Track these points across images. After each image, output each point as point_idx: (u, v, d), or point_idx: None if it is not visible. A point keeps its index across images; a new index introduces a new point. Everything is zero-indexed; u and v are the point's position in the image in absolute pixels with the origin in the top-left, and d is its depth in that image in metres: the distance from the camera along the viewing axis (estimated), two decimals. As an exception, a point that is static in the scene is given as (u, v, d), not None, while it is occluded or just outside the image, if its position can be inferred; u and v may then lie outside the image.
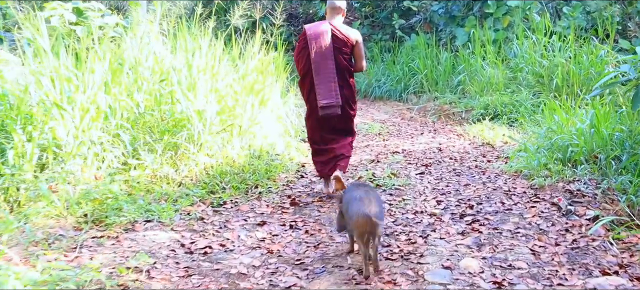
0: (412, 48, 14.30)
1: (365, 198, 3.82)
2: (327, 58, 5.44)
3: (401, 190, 5.86)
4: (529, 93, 10.43)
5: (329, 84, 5.44)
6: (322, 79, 5.44)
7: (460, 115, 10.90)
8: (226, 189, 5.76)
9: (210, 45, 7.32)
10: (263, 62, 7.88)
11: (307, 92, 5.65)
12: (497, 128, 9.05)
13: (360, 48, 5.65)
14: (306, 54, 5.53)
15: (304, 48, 5.57)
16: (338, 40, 5.52)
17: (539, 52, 11.22)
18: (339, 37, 5.52)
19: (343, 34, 5.55)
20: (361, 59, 5.68)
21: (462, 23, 13.70)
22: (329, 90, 5.44)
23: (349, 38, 5.56)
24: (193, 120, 6.16)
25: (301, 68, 5.64)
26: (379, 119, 11.47)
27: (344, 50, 5.56)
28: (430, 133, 9.49)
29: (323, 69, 5.45)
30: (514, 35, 12.48)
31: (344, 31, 5.57)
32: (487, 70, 11.43)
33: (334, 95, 5.44)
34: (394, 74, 14.20)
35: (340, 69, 5.53)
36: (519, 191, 5.77)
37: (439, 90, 12.62)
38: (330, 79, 5.44)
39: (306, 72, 5.58)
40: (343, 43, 5.53)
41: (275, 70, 8.45)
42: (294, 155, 7.31)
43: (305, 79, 5.63)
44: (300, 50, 5.62)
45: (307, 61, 5.53)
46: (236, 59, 7.82)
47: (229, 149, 6.35)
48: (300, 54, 5.62)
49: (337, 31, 5.53)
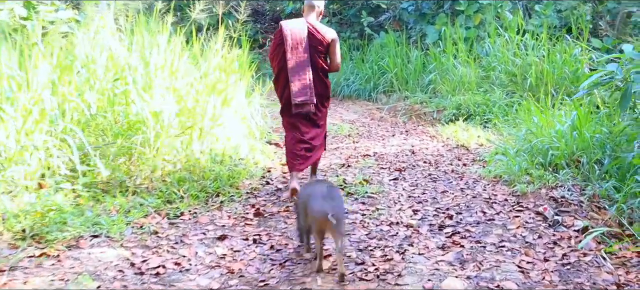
0: (382, 46, 13.90)
1: (328, 195, 3.75)
2: (303, 56, 5.41)
3: (374, 198, 5.42)
4: (503, 92, 10.11)
5: (304, 81, 5.40)
6: (297, 77, 5.40)
7: (431, 115, 10.52)
8: (184, 198, 5.26)
9: (169, 41, 6.80)
10: (226, 60, 7.37)
11: (282, 89, 5.57)
12: (471, 129, 8.69)
13: (336, 47, 5.56)
14: (281, 51, 5.46)
15: (279, 45, 5.49)
16: (314, 38, 5.46)
17: (511, 51, 10.92)
18: (316, 35, 5.46)
19: (319, 32, 5.48)
20: (336, 59, 5.60)
21: (433, 21, 13.34)
22: (304, 87, 5.40)
23: (325, 37, 5.49)
24: (149, 122, 5.64)
25: (276, 65, 5.57)
26: (348, 119, 11.04)
27: (320, 49, 5.50)
28: (402, 134, 9.08)
29: (298, 66, 5.40)
30: (485, 33, 12.17)
31: (320, 30, 5.49)
32: (459, 69, 11.08)
33: (309, 93, 5.41)
34: (363, 73, 13.78)
35: (316, 67, 5.49)
36: (500, 199, 5.38)
37: (409, 90, 12.23)
38: (305, 76, 5.40)
39: (281, 68, 5.51)
40: (319, 42, 5.47)
41: (240, 69, 7.95)
42: (259, 158, 6.82)
43: (280, 75, 5.55)
44: (275, 47, 5.54)
45: (282, 58, 5.46)
46: (197, 57, 7.30)
47: (188, 154, 5.84)
48: (275, 50, 5.55)
49: (314, 29, 5.47)
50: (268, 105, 9.75)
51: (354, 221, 4.82)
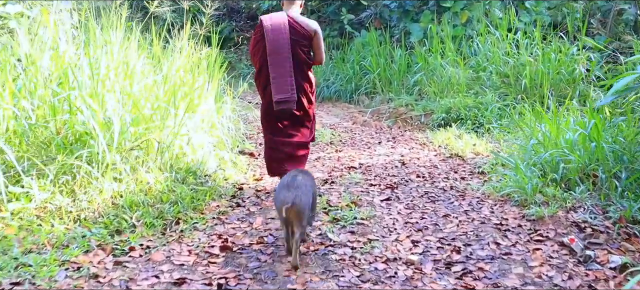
0: (363, 45, 13.00)
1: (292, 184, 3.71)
2: (284, 51, 5.10)
3: (365, 225, 4.50)
4: (495, 95, 9.29)
5: (285, 78, 5.12)
6: (278, 73, 5.12)
7: (418, 119, 9.67)
8: (137, 226, 4.32)
9: (126, 39, 5.85)
10: (192, 60, 6.44)
11: (263, 86, 5.29)
12: (464, 136, 7.84)
13: (319, 40, 5.27)
14: (262, 47, 5.17)
15: (259, 40, 5.21)
16: (296, 32, 5.17)
17: (503, 50, 10.11)
18: (297, 29, 5.18)
19: (301, 25, 5.20)
20: (320, 52, 5.34)
21: (417, 18, 12.48)
22: (285, 84, 5.12)
23: (308, 30, 5.21)
24: (97, 134, 4.69)
25: (257, 61, 5.27)
26: (328, 123, 10.14)
27: (302, 43, 5.21)
28: (389, 142, 8.19)
29: (279, 62, 5.11)
30: (474, 31, 11.34)
31: (302, 22, 5.22)
32: (448, 69, 10.23)
33: (289, 90, 5.13)
34: (343, 73, 12.87)
35: (299, 62, 5.20)
36: (512, 224, 4.51)
37: (393, 91, 11.34)
38: (286, 73, 5.12)
39: (262, 65, 5.22)
40: (301, 35, 5.18)
41: (209, 70, 7.01)
42: (229, 173, 5.90)
43: (261, 72, 5.26)
44: (256, 43, 5.27)
45: (263, 54, 5.17)
46: (159, 57, 6.33)
47: (143, 172, 4.89)
48: (256, 46, 5.27)
49: (295, 23, 5.18)
50: (242, 110, 8.84)
51: (342, 258, 3.92)
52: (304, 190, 3.70)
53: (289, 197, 3.59)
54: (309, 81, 5.34)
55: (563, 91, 9.25)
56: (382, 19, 13.84)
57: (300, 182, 3.76)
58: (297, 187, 3.67)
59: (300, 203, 3.61)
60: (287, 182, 3.75)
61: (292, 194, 3.60)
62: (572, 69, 9.19)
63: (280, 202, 3.62)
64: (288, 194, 3.61)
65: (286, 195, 3.61)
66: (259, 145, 7.77)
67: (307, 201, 3.70)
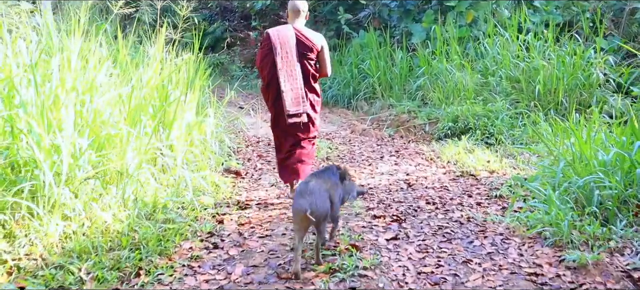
0: (362, 46, 12.11)
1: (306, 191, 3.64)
2: (293, 64, 5.09)
3: (369, 278, 3.59)
4: (506, 102, 8.41)
5: (296, 91, 5.10)
6: (290, 87, 5.08)
7: (422, 128, 8.79)
8: (85, 282, 3.43)
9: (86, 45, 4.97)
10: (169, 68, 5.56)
11: (273, 100, 5.20)
12: (476, 150, 6.96)
13: (325, 53, 5.27)
14: (271, 60, 5.10)
15: (268, 54, 5.13)
16: (303, 45, 5.14)
17: (513, 53, 9.24)
18: (305, 42, 5.14)
19: (308, 38, 5.16)
20: (327, 65, 5.33)
21: (419, 18, 11.59)
22: (297, 97, 5.10)
23: (315, 43, 5.18)
24: (41, 163, 3.80)
25: (266, 75, 5.17)
26: (325, 131, 9.26)
27: (310, 56, 5.18)
28: (392, 156, 7.30)
29: (290, 76, 5.08)
30: (480, 32, 10.45)
31: (309, 36, 5.18)
32: (453, 73, 9.35)
33: (301, 103, 5.12)
34: (341, 77, 11.98)
35: (306, 75, 5.18)
36: (550, 273, 3.62)
37: (394, 97, 10.45)
38: (297, 86, 5.10)
39: (271, 78, 5.14)
40: (309, 48, 5.15)
41: (189, 78, 6.12)
42: (208, 201, 5.01)
43: (271, 86, 5.17)
44: (264, 56, 5.16)
45: (272, 68, 5.10)
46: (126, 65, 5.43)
47: (98, 209, 4.00)
48: (264, 60, 5.16)
49: (302, 36, 5.15)
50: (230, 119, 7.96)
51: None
52: (318, 195, 3.64)
53: (304, 204, 3.52)
54: (316, 93, 5.33)
55: (579, 97, 8.39)
56: (381, 18, 12.96)
57: (314, 187, 3.68)
58: (311, 193, 3.61)
59: (317, 209, 3.55)
60: (301, 190, 3.68)
61: (307, 201, 3.54)
62: (588, 73, 8.33)
63: (297, 210, 3.55)
64: (303, 201, 3.54)
65: (302, 203, 3.54)
66: (247, 162, 6.90)
67: (323, 205, 3.64)
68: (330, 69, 5.41)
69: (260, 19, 16.40)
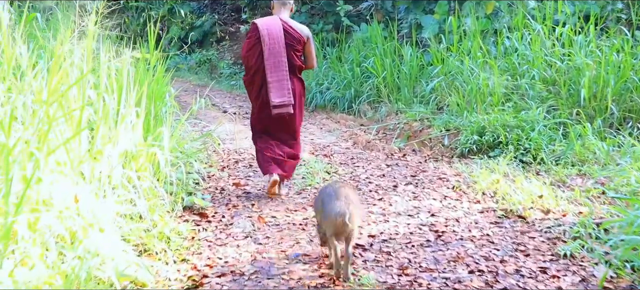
0: (364, 42, 10.32)
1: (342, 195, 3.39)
2: (281, 55, 5.02)
3: None
4: (542, 109, 6.69)
5: (282, 82, 5.03)
6: (277, 77, 5.02)
7: (440, 141, 7.05)
8: None
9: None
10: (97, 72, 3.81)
11: (257, 91, 5.10)
12: (518, 177, 5.21)
13: (311, 44, 5.23)
14: (258, 51, 5.02)
15: (255, 44, 5.04)
16: (290, 36, 5.08)
17: (546, 49, 7.53)
18: (291, 33, 5.09)
19: (294, 29, 5.11)
20: (312, 57, 5.30)
21: (430, 8, 9.82)
22: (282, 88, 5.02)
23: (302, 35, 5.13)
24: None
25: (252, 65, 5.08)
26: (321, 144, 7.53)
27: (297, 48, 5.12)
28: (408, 183, 5.50)
29: (276, 66, 5.01)
30: (502, 25, 8.69)
31: (295, 27, 5.14)
32: (476, 73, 7.60)
33: (287, 94, 5.03)
34: (340, 76, 10.18)
35: (293, 66, 5.12)
36: None
37: (403, 101, 8.67)
38: (283, 77, 5.03)
39: (257, 69, 5.06)
40: (296, 40, 5.10)
41: (136, 84, 4.37)
42: (145, 278, 3.25)
43: (256, 76, 5.09)
44: (251, 47, 5.07)
45: (259, 58, 5.02)
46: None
47: None
48: (251, 50, 5.07)
49: (289, 27, 5.09)
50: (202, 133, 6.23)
51: None
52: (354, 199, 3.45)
53: (344, 208, 3.28)
54: (302, 84, 5.28)
55: (628, 104, 6.68)
56: (384, 10, 11.20)
57: (348, 192, 3.47)
58: (347, 197, 3.37)
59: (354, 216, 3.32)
60: (334, 193, 3.41)
61: (345, 205, 3.30)
62: (643, 75, 6.65)
63: (336, 214, 3.28)
64: (342, 205, 3.30)
65: (341, 207, 3.29)
66: (219, 194, 5.16)
67: (360, 212, 3.51)
68: (316, 61, 5.39)
69: (251, 11, 14.60)
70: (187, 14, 16.02)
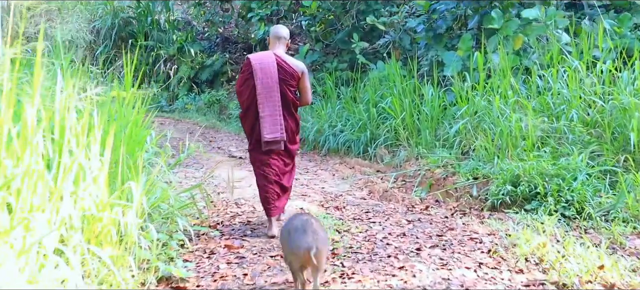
0: (381, 80, 9.50)
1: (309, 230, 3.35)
2: (273, 90, 4.95)
3: None
4: (585, 155, 5.79)
5: (275, 117, 4.95)
6: (268, 112, 4.94)
7: (468, 191, 6.15)
8: None
9: None
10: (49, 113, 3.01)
11: (251, 125, 5.05)
12: (569, 239, 4.28)
13: (306, 80, 5.14)
14: (251, 85, 4.98)
15: (248, 79, 5.01)
16: (284, 71, 4.99)
17: (588, 87, 6.66)
18: (285, 68, 5.00)
19: (289, 65, 5.02)
20: (307, 92, 5.19)
21: (452, 44, 8.99)
22: (274, 124, 4.95)
23: (296, 70, 5.04)
24: None
25: (244, 100, 5.05)
26: (332, 193, 6.66)
27: (290, 83, 5.04)
28: (434, 246, 4.54)
29: (269, 101, 4.95)
30: (533, 61, 7.82)
31: (289, 62, 5.05)
32: (507, 115, 6.72)
33: (279, 130, 4.95)
34: (355, 117, 9.32)
35: (287, 102, 5.03)
36: None
37: (424, 144, 7.78)
38: (276, 112, 4.96)
39: (250, 104, 5.02)
40: (290, 75, 5.01)
41: (103, 130, 3.56)
42: None
43: (249, 111, 5.04)
44: (244, 81, 5.05)
45: (251, 93, 4.98)
46: None
47: None
48: (244, 85, 5.04)
49: (283, 62, 5.01)
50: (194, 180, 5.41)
51: None
52: (321, 233, 3.40)
53: (310, 242, 3.25)
54: (296, 121, 5.18)
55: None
56: (403, 47, 10.41)
57: (316, 225, 3.42)
58: (315, 232, 3.34)
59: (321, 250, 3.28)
60: (301, 226, 3.37)
61: (312, 239, 3.27)
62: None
63: (302, 248, 3.24)
64: (309, 239, 3.27)
65: (308, 241, 3.26)
66: (207, 259, 4.28)
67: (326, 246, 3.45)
68: (311, 97, 5.29)
69: (262, 49, 13.90)
70: (198, 53, 15.36)
